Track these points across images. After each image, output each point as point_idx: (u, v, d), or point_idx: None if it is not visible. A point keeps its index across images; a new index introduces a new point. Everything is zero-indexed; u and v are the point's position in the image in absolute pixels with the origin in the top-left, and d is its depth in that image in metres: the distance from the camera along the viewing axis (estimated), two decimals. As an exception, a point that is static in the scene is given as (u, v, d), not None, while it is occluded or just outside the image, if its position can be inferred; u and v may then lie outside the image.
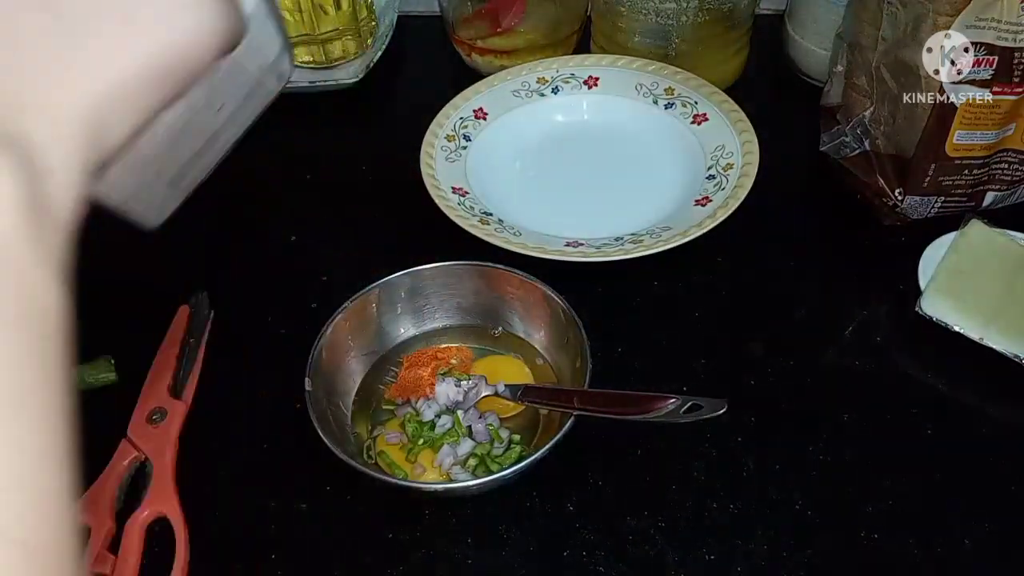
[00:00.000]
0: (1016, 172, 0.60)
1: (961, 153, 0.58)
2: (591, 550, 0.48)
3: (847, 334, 0.58)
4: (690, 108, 0.69)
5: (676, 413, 0.47)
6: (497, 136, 0.70)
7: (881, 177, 0.61)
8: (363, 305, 0.54)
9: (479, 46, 0.76)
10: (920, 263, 0.58)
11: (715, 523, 0.48)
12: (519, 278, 0.55)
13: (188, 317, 0.58)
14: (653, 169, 0.68)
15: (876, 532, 0.48)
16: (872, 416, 0.53)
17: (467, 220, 0.61)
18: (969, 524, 0.48)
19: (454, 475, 0.50)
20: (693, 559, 0.47)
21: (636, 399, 0.49)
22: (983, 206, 0.61)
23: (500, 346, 0.56)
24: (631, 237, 0.61)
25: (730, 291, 0.61)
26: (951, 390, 0.55)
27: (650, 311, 0.60)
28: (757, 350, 0.56)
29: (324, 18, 0.73)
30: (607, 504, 0.50)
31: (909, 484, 0.50)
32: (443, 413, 0.52)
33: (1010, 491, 0.49)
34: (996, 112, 0.56)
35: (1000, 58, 0.53)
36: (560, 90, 0.72)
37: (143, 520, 0.49)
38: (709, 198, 0.63)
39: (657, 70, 0.71)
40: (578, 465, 0.50)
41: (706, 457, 0.51)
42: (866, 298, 0.60)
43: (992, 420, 0.53)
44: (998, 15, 0.52)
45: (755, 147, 0.64)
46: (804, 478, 0.50)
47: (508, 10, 0.76)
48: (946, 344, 0.55)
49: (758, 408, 0.53)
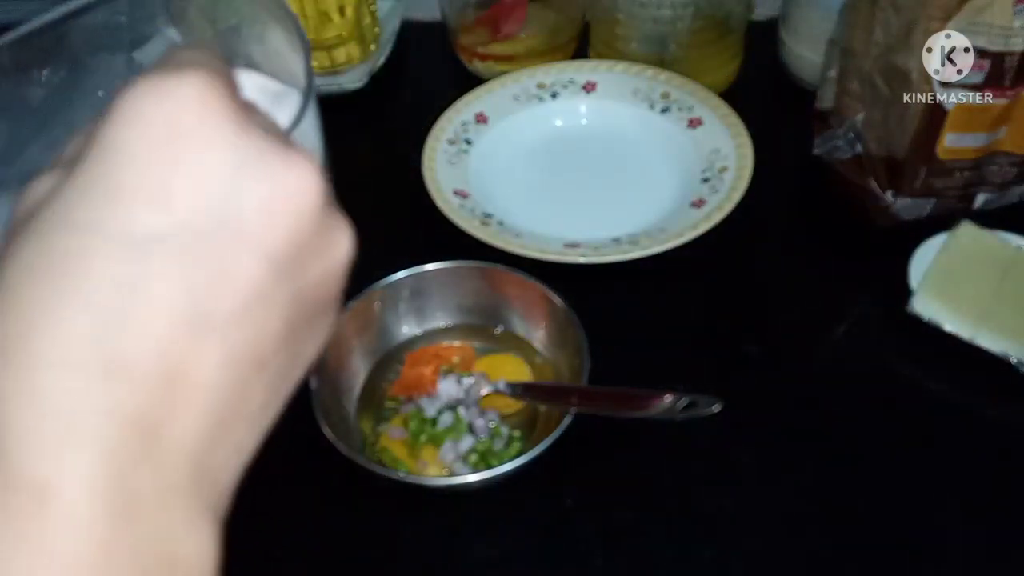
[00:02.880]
0: (1006, 174, 0.61)
1: (952, 156, 0.59)
2: (589, 545, 0.49)
3: (840, 334, 0.59)
4: (686, 112, 0.70)
5: (672, 410, 0.48)
6: (497, 140, 0.71)
7: (873, 179, 0.62)
8: (367, 305, 0.56)
9: (480, 52, 0.78)
10: (911, 264, 0.59)
11: (711, 519, 0.49)
12: (519, 278, 0.56)
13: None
14: (650, 172, 0.69)
15: (869, 530, 0.49)
16: (864, 415, 0.54)
17: (468, 222, 0.62)
18: (962, 523, 0.49)
19: (456, 470, 0.51)
20: (689, 555, 0.48)
21: (633, 396, 0.50)
22: (974, 208, 0.62)
23: (501, 345, 0.57)
24: (628, 238, 0.62)
25: (725, 291, 0.62)
26: (942, 389, 0.56)
27: (647, 311, 0.61)
28: (751, 349, 0.58)
29: (329, 24, 0.75)
30: (605, 499, 0.51)
31: (901, 483, 0.51)
32: (445, 410, 0.53)
33: (1002, 489, 0.50)
34: (987, 115, 0.57)
35: (991, 62, 0.54)
36: (559, 95, 0.73)
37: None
38: (704, 200, 0.64)
39: (653, 75, 0.72)
40: (576, 461, 0.51)
41: (702, 454, 0.52)
42: (858, 298, 0.61)
43: (983, 418, 0.54)
44: (990, 19, 0.53)
45: (749, 150, 0.65)
46: (798, 476, 0.51)
47: (508, 17, 0.77)
48: (937, 344, 0.56)
49: (752, 406, 0.54)
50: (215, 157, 0.19)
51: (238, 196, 0.19)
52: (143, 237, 0.18)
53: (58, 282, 0.18)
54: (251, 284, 0.19)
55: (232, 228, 0.19)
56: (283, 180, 0.19)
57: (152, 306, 0.18)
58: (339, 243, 0.21)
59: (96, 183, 0.18)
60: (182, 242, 0.18)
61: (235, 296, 0.19)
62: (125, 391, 0.18)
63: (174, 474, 0.19)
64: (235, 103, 0.19)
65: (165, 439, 0.18)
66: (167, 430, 0.18)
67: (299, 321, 0.21)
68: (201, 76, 0.19)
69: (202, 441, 0.19)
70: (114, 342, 0.18)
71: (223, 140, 0.19)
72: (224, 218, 0.19)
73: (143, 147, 0.18)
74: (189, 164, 0.19)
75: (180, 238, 0.18)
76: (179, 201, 0.18)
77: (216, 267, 0.19)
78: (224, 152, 0.19)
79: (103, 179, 0.18)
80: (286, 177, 0.20)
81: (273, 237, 0.19)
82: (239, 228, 0.19)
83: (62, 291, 0.18)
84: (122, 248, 0.18)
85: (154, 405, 0.18)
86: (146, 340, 0.18)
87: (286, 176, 0.20)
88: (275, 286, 0.20)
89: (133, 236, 0.18)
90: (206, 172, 0.19)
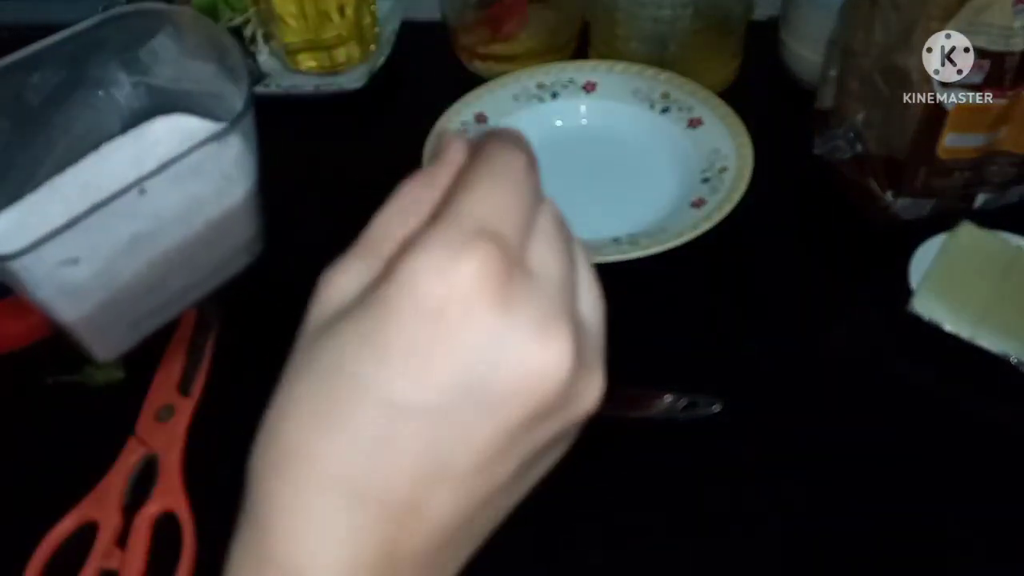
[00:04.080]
0: (1007, 174, 0.61)
1: (952, 156, 0.59)
2: (588, 545, 0.49)
3: (840, 334, 0.59)
4: (685, 112, 0.70)
5: (672, 410, 0.49)
6: (497, 140, 0.71)
7: (873, 179, 0.62)
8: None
9: (480, 52, 0.78)
10: (912, 264, 0.59)
11: (711, 519, 0.49)
12: (519, 278, 0.56)
13: (196, 315, 0.60)
14: (649, 172, 0.69)
15: (868, 530, 0.49)
16: (864, 415, 0.54)
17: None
18: (962, 523, 0.49)
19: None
20: (689, 554, 0.48)
21: (633, 396, 0.51)
22: (974, 208, 0.62)
23: (500, 345, 0.57)
24: (628, 238, 0.62)
25: (725, 291, 0.62)
26: (943, 389, 0.56)
27: (647, 311, 0.61)
28: (752, 349, 0.58)
29: (328, 24, 0.75)
30: (605, 500, 0.51)
31: (901, 482, 0.51)
32: (444, 410, 0.53)
33: (1002, 489, 0.50)
34: (987, 115, 0.57)
35: (991, 62, 0.54)
36: (559, 95, 0.73)
37: (151, 515, 0.50)
38: (704, 200, 0.64)
39: (653, 75, 0.72)
40: (576, 461, 0.51)
41: (702, 453, 0.52)
42: (859, 298, 0.61)
43: (984, 417, 0.54)
44: (990, 19, 0.53)
45: (749, 150, 0.65)
46: (798, 475, 0.51)
47: (509, 17, 0.77)
48: (938, 343, 0.56)
49: (753, 406, 0.54)
50: (475, 340, 0.21)
51: (492, 372, 0.21)
52: (401, 404, 0.21)
53: (332, 419, 0.21)
54: (489, 447, 0.22)
55: (479, 400, 0.21)
56: (533, 361, 0.21)
57: (400, 458, 0.21)
58: (585, 397, 0.24)
59: (371, 337, 0.21)
60: (432, 415, 0.21)
61: (471, 456, 0.22)
62: (372, 516, 0.21)
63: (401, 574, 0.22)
64: (508, 281, 0.21)
65: (398, 553, 0.22)
66: (399, 547, 0.22)
67: (533, 461, 0.24)
68: (480, 256, 0.21)
69: (429, 556, 0.23)
70: (367, 479, 0.21)
71: (485, 323, 0.21)
72: (473, 391, 0.21)
73: (413, 319, 0.21)
74: (449, 344, 0.21)
75: (431, 413, 0.21)
76: (435, 377, 0.21)
77: (459, 433, 0.21)
78: (483, 335, 0.21)
79: (377, 336, 0.21)
80: (539, 358, 0.21)
81: (517, 412, 0.22)
82: (486, 400, 0.21)
83: (331, 428, 0.21)
84: (381, 408, 0.21)
85: (390, 528, 0.22)
86: (392, 481, 0.21)
87: (539, 357, 0.21)
88: (512, 447, 0.22)
89: (392, 401, 0.21)
90: (463, 354, 0.21)
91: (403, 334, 0.21)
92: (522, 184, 0.23)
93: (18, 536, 0.49)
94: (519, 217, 0.22)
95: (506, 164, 0.23)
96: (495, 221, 0.22)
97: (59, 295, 0.30)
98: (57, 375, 0.56)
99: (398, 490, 0.21)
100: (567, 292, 0.23)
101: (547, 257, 0.23)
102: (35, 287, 0.29)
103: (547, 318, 0.22)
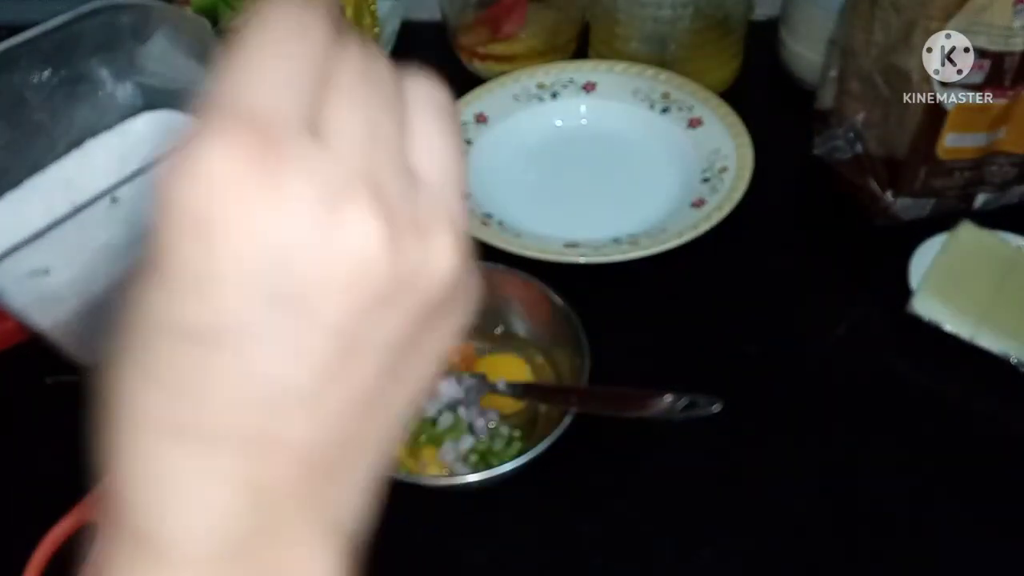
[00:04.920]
0: (1006, 174, 0.61)
1: (952, 156, 0.59)
2: (588, 544, 0.49)
3: (840, 334, 0.59)
4: (685, 112, 0.70)
5: (672, 410, 0.49)
6: (498, 140, 0.71)
7: (873, 179, 0.62)
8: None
9: (480, 52, 0.78)
10: (912, 264, 0.59)
11: (711, 519, 0.49)
12: (520, 279, 0.56)
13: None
14: (650, 172, 0.69)
15: (868, 529, 0.49)
16: (865, 415, 0.54)
17: (468, 222, 0.62)
18: (961, 521, 0.49)
19: (456, 470, 0.51)
20: (689, 554, 0.48)
21: (633, 397, 0.51)
22: (974, 208, 0.62)
23: (501, 345, 0.57)
24: (628, 238, 0.62)
25: (725, 291, 0.62)
26: (943, 389, 0.56)
27: (647, 311, 0.61)
28: (752, 349, 0.58)
29: (328, 25, 0.75)
30: (604, 499, 0.51)
31: (901, 482, 0.51)
32: (445, 410, 0.53)
33: (1002, 489, 0.50)
34: (987, 115, 0.57)
35: (991, 62, 0.54)
36: (559, 95, 0.73)
37: (152, 515, 0.50)
38: (704, 200, 0.64)
39: (653, 75, 0.72)
40: (576, 461, 0.51)
41: (701, 454, 0.52)
42: (859, 298, 0.61)
43: (983, 417, 0.54)
44: (990, 19, 0.53)
45: (749, 150, 0.65)
46: (798, 475, 0.51)
47: (509, 17, 0.77)
48: (937, 344, 0.56)
49: (753, 406, 0.54)
50: (253, 239, 0.18)
51: (286, 268, 0.18)
52: (196, 330, 0.18)
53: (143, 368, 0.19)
54: (324, 353, 0.19)
55: (286, 304, 0.18)
56: (331, 243, 0.18)
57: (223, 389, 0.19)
58: (432, 265, 0.20)
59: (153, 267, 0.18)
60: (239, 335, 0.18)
61: (308, 367, 0.19)
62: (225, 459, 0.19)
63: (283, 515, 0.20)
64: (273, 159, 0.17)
65: (270, 490, 0.20)
66: (269, 483, 0.20)
67: (400, 353, 0.21)
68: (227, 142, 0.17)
69: (310, 484, 0.20)
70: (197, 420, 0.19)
71: (257, 216, 0.17)
72: (276, 296, 0.18)
73: (180, 237, 0.18)
74: (227, 251, 0.18)
75: (237, 333, 0.18)
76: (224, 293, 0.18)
77: (282, 347, 0.18)
78: (260, 230, 0.18)
79: (156, 264, 0.18)
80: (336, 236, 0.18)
81: (337, 306, 0.18)
82: (294, 303, 0.18)
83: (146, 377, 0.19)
84: (176, 339, 0.18)
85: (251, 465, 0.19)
86: (224, 416, 0.19)
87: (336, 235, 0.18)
88: (355, 345, 0.19)
89: (186, 330, 0.18)
90: (247, 258, 0.18)
91: (176, 255, 0.18)
92: (295, 43, 0.19)
93: (18, 536, 0.49)
94: (293, 80, 0.18)
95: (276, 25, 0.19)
96: (252, 95, 0.18)
97: (33, 303, 0.30)
98: (57, 375, 0.56)
99: (238, 424, 0.19)
100: (373, 149, 0.19)
101: (344, 115, 0.19)
102: (8, 296, 0.29)
103: (335, 187, 0.18)
